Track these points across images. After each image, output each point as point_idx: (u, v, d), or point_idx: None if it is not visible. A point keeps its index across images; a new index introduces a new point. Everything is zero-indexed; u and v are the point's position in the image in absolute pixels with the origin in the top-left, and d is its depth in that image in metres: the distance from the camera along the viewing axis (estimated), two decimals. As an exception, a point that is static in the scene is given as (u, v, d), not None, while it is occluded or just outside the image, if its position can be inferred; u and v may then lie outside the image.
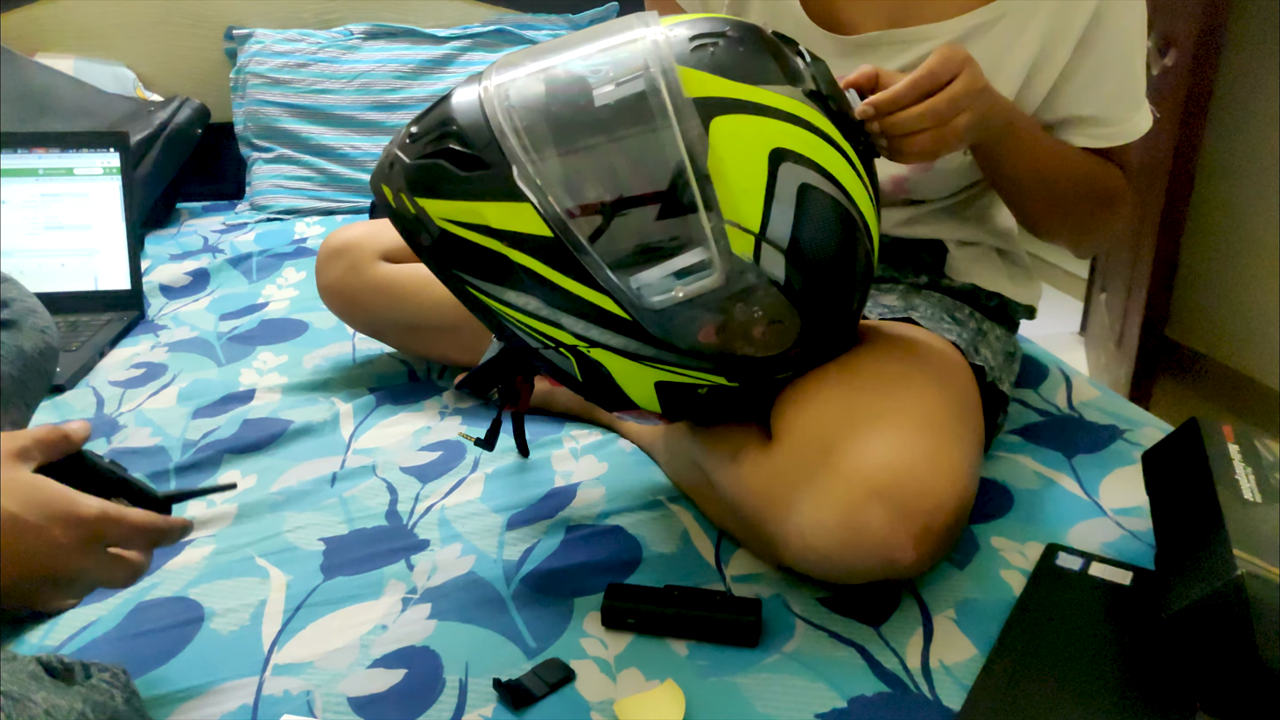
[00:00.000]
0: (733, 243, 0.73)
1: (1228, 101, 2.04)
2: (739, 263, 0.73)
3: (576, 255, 0.73)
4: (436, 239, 0.75)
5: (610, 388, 0.79)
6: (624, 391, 0.79)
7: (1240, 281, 2.10)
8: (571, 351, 0.77)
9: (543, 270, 0.74)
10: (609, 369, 0.77)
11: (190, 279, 1.63)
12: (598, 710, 0.72)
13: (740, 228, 0.73)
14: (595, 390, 0.80)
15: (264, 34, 2.07)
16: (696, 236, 0.73)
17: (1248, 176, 2.04)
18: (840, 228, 0.77)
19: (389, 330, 1.22)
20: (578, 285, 0.74)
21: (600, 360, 0.77)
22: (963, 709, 0.70)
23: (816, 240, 0.75)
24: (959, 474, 0.76)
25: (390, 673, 0.76)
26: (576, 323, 0.75)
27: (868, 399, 0.80)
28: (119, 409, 1.20)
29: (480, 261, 0.74)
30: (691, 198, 0.72)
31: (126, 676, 0.64)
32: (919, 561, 0.74)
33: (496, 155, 0.73)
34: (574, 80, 0.75)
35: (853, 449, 0.75)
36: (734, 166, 0.73)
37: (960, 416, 0.83)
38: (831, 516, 0.73)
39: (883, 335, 0.92)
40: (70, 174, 1.50)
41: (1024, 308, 1.10)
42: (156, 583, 0.87)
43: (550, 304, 0.74)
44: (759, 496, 0.81)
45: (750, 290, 0.74)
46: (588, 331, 0.75)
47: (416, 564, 0.89)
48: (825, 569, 0.77)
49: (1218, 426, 0.84)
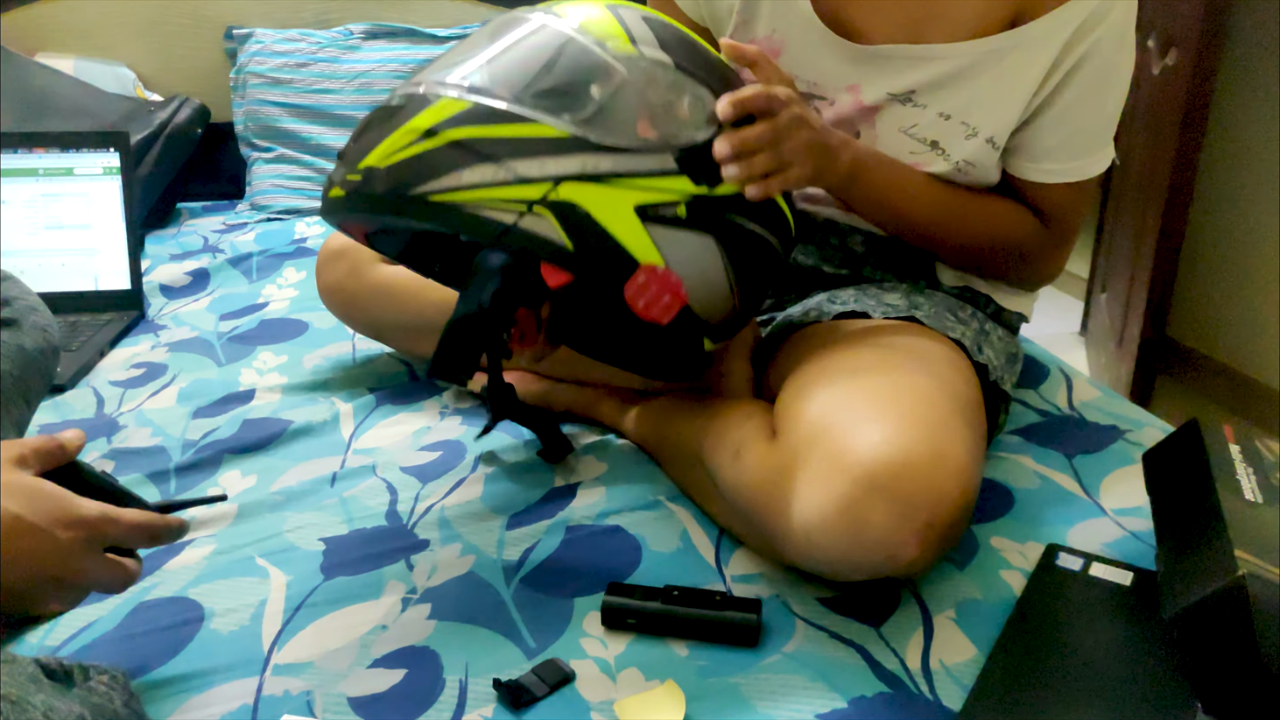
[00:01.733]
0: (614, 46, 0.81)
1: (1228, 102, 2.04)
2: (628, 60, 0.81)
3: (509, 108, 0.78)
4: (386, 180, 0.79)
5: (600, 249, 0.79)
6: (614, 239, 0.79)
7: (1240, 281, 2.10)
8: (548, 207, 0.77)
9: (483, 131, 0.78)
10: (586, 207, 0.78)
11: (190, 279, 1.63)
12: (598, 710, 0.72)
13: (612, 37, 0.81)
14: (588, 261, 0.79)
15: (264, 34, 2.07)
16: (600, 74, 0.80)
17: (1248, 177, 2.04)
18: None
19: (390, 332, 1.22)
20: (516, 127, 0.78)
21: (574, 200, 0.78)
22: (963, 709, 0.70)
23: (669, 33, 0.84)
24: (962, 470, 0.76)
25: (390, 673, 0.76)
26: (531, 164, 0.77)
27: (870, 396, 0.80)
28: (119, 409, 1.20)
29: (428, 164, 0.78)
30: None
31: (125, 679, 0.64)
32: (922, 557, 0.74)
33: (415, 97, 0.80)
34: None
35: (855, 444, 0.75)
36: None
37: (963, 414, 0.83)
38: (834, 512, 0.73)
39: (886, 333, 0.92)
40: (70, 174, 1.50)
41: (1016, 314, 1.10)
42: (156, 583, 0.87)
43: (501, 158, 0.77)
44: (761, 493, 0.81)
45: (651, 80, 0.81)
46: (545, 168, 0.77)
47: (416, 564, 0.89)
48: (828, 565, 0.77)
49: (1218, 426, 0.84)
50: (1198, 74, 1.81)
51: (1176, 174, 1.89)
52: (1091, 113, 0.96)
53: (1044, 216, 1.01)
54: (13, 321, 0.93)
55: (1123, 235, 2.19)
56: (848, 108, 0.98)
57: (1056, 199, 1.00)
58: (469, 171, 0.77)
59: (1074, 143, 0.97)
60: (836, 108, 0.99)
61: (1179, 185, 1.90)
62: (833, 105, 0.99)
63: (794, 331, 1.01)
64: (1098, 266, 2.39)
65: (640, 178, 0.79)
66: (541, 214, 0.78)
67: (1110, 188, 2.30)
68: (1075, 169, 0.99)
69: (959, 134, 0.96)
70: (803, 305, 1.04)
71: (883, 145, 0.98)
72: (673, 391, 1.05)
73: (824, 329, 0.97)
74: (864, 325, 0.95)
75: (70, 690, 0.60)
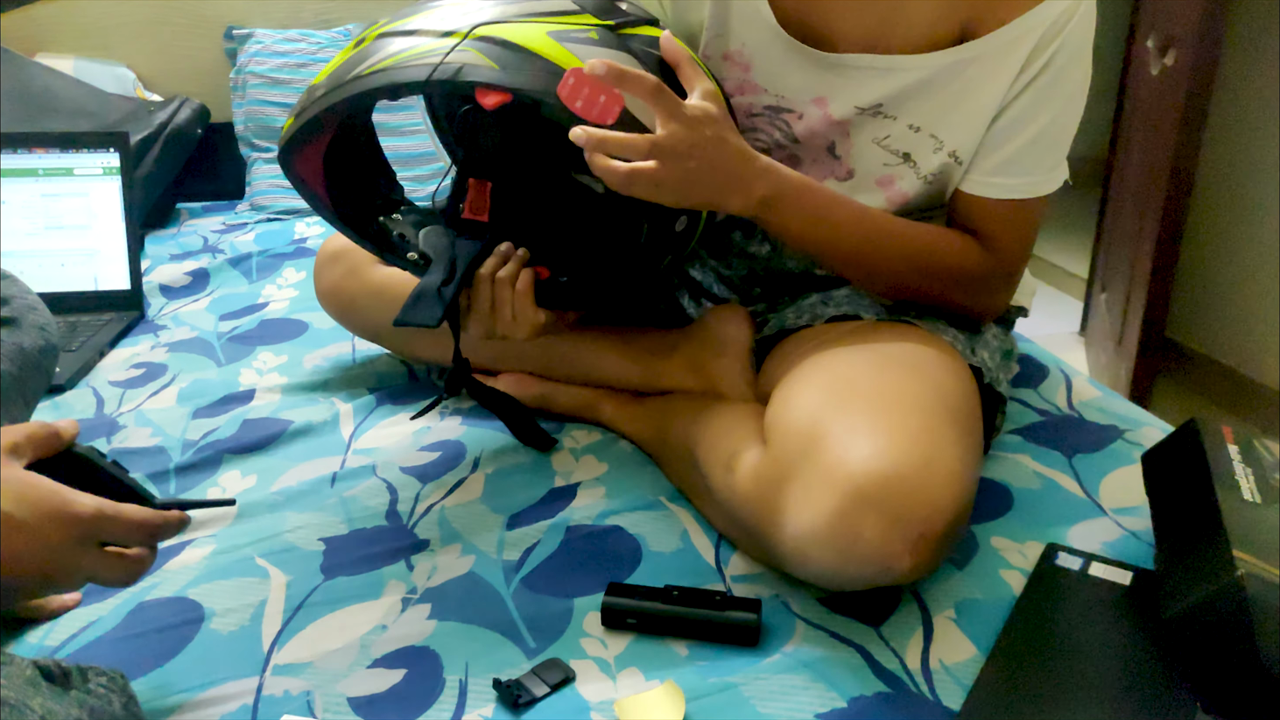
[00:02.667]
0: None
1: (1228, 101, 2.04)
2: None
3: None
4: (327, 83, 0.86)
5: (525, 65, 0.82)
6: (536, 53, 0.82)
7: (1240, 282, 2.10)
8: (469, 44, 0.83)
9: (402, 20, 0.87)
10: (506, 37, 0.83)
11: (190, 279, 1.63)
12: (598, 710, 0.72)
13: None
14: (516, 74, 0.82)
15: (264, 34, 2.07)
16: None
17: (1247, 177, 2.04)
18: None
19: (388, 334, 1.22)
20: (429, 12, 0.86)
21: (493, 34, 0.83)
22: (962, 709, 0.70)
23: None
24: (955, 478, 0.75)
25: (390, 673, 0.76)
26: (447, 21, 0.85)
27: (860, 406, 0.79)
28: (119, 409, 1.20)
29: (359, 56, 0.86)
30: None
31: (124, 681, 0.64)
32: (916, 569, 0.73)
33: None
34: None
35: (845, 458, 0.74)
36: None
37: (956, 419, 0.82)
38: (825, 527, 0.73)
39: (879, 337, 0.92)
40: (70, 174, 1.50)
41: (1015, 307, 1.10)
42: (156, 583, 0.87)
43: (421, 31, 0.85)
44: (753, 506, 0.81)
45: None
46: (461, 20, 0.84)
47: (416, 564, 0.89)
48: (822, 577, 0.77)
49: (1217, 427, 0.84)
50: (1197, 74, 1.81)
51: (1176, 174, 1.89)
52: (1045, 126, 0.93)
53: (989, 242, 0.97)
54: (12, 320, 0.93)
55: (1122, 235, 2.19)
56: (817, 121, 0.97)
57: (1003, 219, 0.96)
58: (394, 44, 0.85)
59: (1025, 158, 0.94)
60: (806, 121, 0.98)
61: (1178, 185, 1.90)
62: (801, 119, 0.98)
63: (787, 335, 1.01)
64: (1097, 266, 2.39)
65: (549, 15, 0.85)
66: (464, 49, 0.83)
67: (1110, 188, 2.31)
68: (1026, 185, 0.95)
69: (928, 147, 0.95)
70: (796, 308, 1.04)
71: (858, 157, 0.98)
72: (672, 393, 1.05)
73: (816, 333, 0.97)
74: (856, 328, 0.95)
75: (68, 693, 0.60)
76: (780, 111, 0.99)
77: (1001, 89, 0.92)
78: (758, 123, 1.00)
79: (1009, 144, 0.94)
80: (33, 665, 0.60)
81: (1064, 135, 0.95)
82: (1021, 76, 0.91)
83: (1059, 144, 0.95)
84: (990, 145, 0.94)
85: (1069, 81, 0.92)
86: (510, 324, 0.95)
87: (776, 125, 0.99)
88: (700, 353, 1.05)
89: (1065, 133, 0.95)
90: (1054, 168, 0.96)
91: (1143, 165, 2.05)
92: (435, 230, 0.97)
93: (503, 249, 0.95)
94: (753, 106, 0.99)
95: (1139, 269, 2.03)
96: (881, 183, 0.98)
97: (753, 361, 1.03)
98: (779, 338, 1.02)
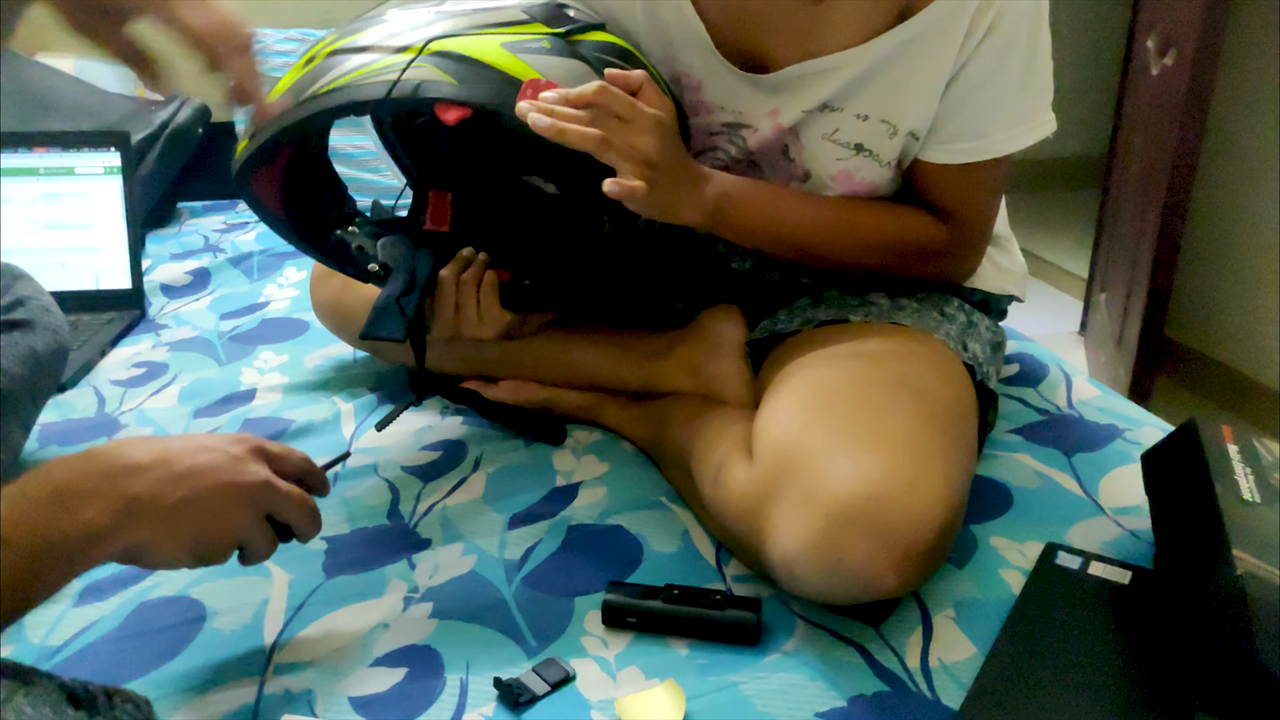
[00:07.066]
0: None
1: (1228, 101, 2.04)
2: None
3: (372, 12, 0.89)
4: (281, 103, 0.85)
5: (482, 78, 0.83)
6: (492, 67, 0.83)
7: (1239, 282, 2.10)
8: (424, 59, 0.83)
9: (354, 37, 0.87)
10: (461, 51, 0.83)
11: (191, 278, 1.63)
12: (598, 709, 0.72)
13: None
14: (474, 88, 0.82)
15: (265, 34, 2.07)
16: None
17: (1248, 177, 2.05)
18: None
19: (384, 345, 1.22)
20: (380, 25, 0.87)
21: (448, 48, 0.83)
22: (962, 708, 0.70)
23: None
24: (940, 494, 0.74)
25: (391, 672, 0.76)
26: (401, 38, 0.85)
27: (845, 420, 0.79)
28: (120, 408, 1.21)
29: (314, 73, 0.86)
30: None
31: (149, 708, 0.63)
32: (902, 586, 0.73)
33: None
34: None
35: (828, 476, 0.74)
36: None
37: (944, 428, 0.82)
38: (810, 546, 0.72)
39: (869, 340, 0.92)
40: (71, 173, 1.50)
41: (1007, 297, 1.09)
42: (157, 582, 0.87)
43: (375, 47, 0.85)
44: (740, 520, 0.81)
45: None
46: (414, 36, 0.84)
47: (418, 563, 0.89)
48: (810, 592, 0.76)
49: (1216, 427, 0.84)
50: (1197, 74, 1.81)
51: (1175, 174, 1.89)
52: (1000, 87, 0.92)
53: (950, 208, 0.97)
54: (27, 323, 0.93)
55: (1122, 235, 2.19)
56: (770, 131, 0.97)
57: (962, 184, 0.96)
58: (349, 61, 0.85)
59: (981, 120, 0.93)
60: (760, 133, 0.98)
61: (1178, 185, 1.90)
62: (757, 132, 0.98)
63: (778, 342, 1.00)
64: (1097, 266, 2.39)
65: (501, 26, 0.86)
66: (420, 65, 0.83)
67: (1110, 188, 2.31)
68: (981, 147, 0.94)
69: (882, 134, 0.94)
70: (788, 311, 1.04)
71: (809, 155, 0.97)
72: (671, 395, 1.05)
73: (806, 338, 0.96)
74: (845, 331, 0.94)
75: (94, 718, 0.60)
76: (738, 127, 0.99)
77: (949, 59, 0.91)
78: (717, 140, 1.01)
79: (964, 110, 0.93)
80: (59, 688, 0.59)
81: (1022, 91, 0.93)
82: (968, 42, 0.90)
83: (1017, 102, 0.93)
84: (945, 114, 0.94)
85: (1018, 38, 0.90)
86: (475, 324, 0.96)
87: (734, 142, 1.00)
88: (696, 354, 1.05)
89: (1022, 89, 0.93)
90: (1012, 125, 0.94)
91: (1143, 165, 2.05)
92: (391, 240, 0.97)
93: (465, 253, 0.96)
94: (711, 125, 1.00)
95: (1139, 269, 2.03)
96: (838, 178, 0.98)
97: (749, 362, 1.03)
98: (772, 342, 1.02)
